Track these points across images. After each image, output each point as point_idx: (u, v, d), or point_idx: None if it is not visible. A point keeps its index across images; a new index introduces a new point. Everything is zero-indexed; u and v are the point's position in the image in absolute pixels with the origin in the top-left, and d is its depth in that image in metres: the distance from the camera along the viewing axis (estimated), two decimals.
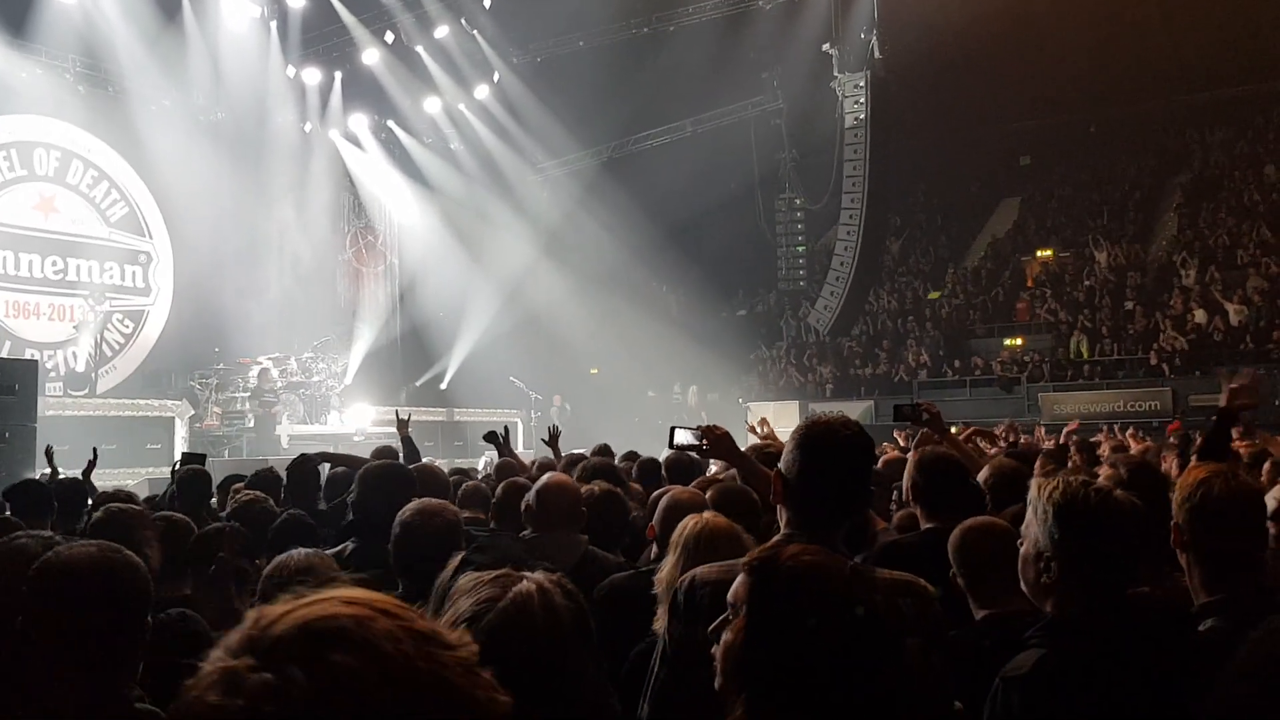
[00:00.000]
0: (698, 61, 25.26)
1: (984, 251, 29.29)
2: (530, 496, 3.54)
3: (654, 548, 3.25)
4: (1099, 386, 21.58)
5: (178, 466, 5.93)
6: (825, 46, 26.35)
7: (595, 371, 26.23)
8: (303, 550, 2.47)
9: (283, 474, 5.69)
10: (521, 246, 25.36)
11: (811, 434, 2.25)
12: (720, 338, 25.92)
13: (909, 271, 29.53)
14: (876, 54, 26.22)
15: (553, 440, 7.15)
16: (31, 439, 10.66)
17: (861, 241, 27.14)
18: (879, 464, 4.99)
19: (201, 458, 6.22)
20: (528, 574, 1.44)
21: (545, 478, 3.64)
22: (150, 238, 19.29)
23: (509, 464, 5.67)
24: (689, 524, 2.67)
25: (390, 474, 3.92)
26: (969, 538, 2.74)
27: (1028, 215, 30.24)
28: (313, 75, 21.34)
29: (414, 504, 3.11)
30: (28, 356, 15.38)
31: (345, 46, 21.43)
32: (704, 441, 3.42)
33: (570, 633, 1.39)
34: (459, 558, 2.45)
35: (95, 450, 7.18)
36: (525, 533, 3.46)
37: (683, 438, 3.58)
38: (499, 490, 4.09)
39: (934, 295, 27.18)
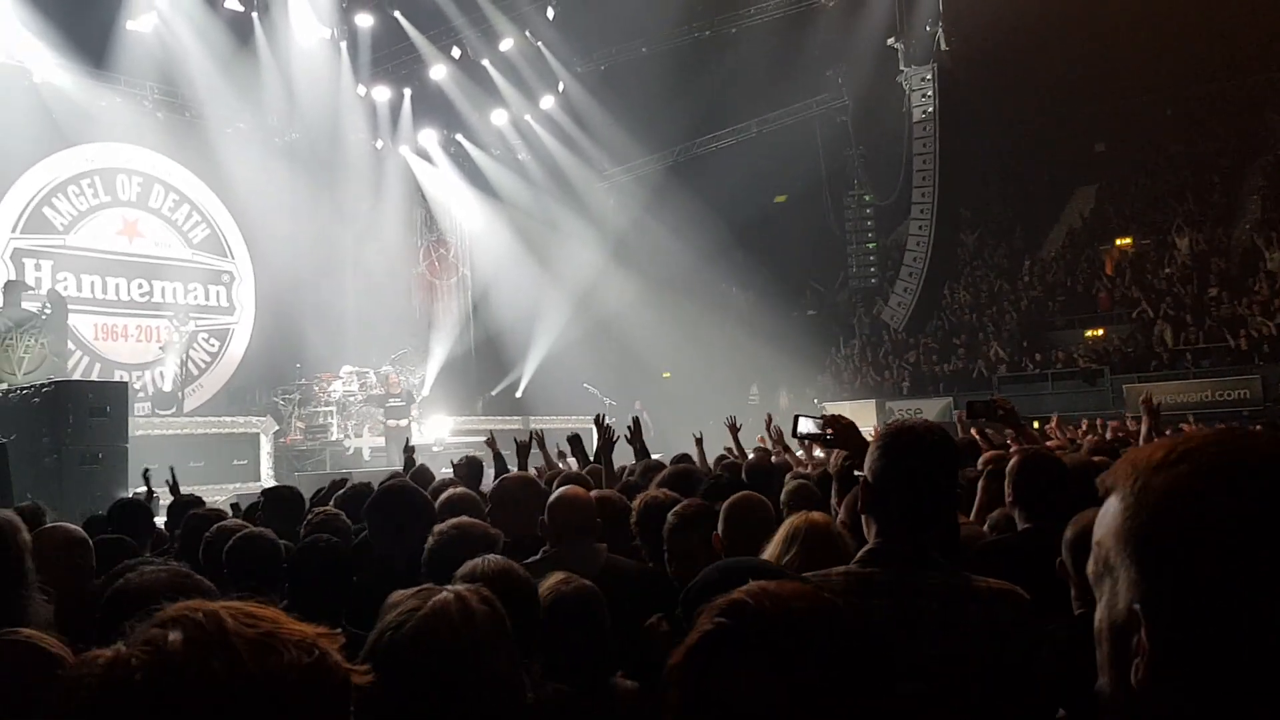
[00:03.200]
0: (761, 62, 25.07)
1: (1062, 241, 28.60)
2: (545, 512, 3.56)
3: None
4: (1185, 376, 20.90)
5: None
6: (890, 41, 26.01)
7: (668, 375, 26.14)
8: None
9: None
10: (590, 254, 25.39)
11: (895, 440, 2.20)
12: (792, 337, 25.66)
13: (984, 265, 28.96)
14: (943, 46, 25.77)
15: (635, 436, 6.88)
16: (124, 459, 10.87)
17: (934, 236, 26.67)
18: (979, 463, 4.84)
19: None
20: (448, 587, 1.65)
21: (557, 491, 3.62)
22: (232, 258, 19.68)
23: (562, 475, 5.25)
24: (788, 525, 2.68)
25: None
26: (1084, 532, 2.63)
27: (1105, 203, 29.46)
28: (382, 93, 21.62)
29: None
30: (117, 378, 15.81)
31: (413, 64, 21.67)
32: (829, 431, 3.35)
33: (485, 634, 1.57)
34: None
35: (171, 470, 7.20)
36: (545, 548, 3.44)
37: (807, 426, 3.55)
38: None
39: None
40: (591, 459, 6.61)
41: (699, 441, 7.94)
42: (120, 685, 0.94)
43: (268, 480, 14.94)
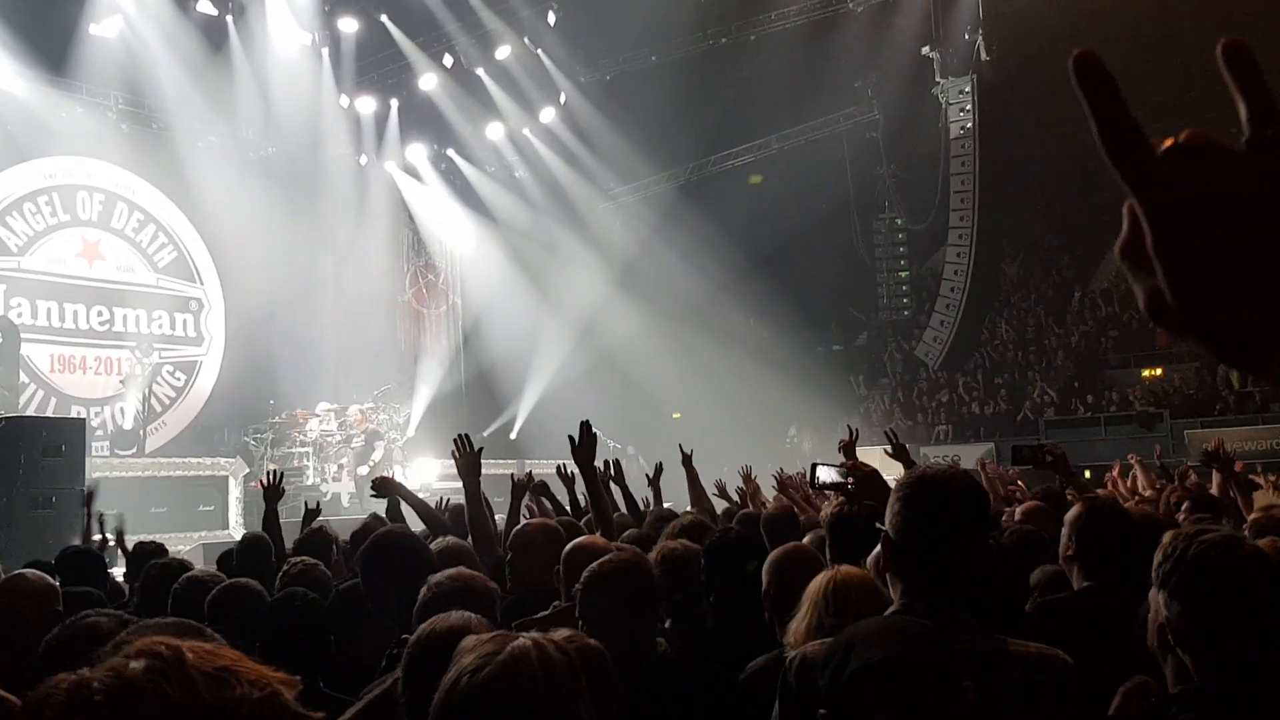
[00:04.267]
0: (783, 72, 25.28)
1: (1115, 271, 28.64)
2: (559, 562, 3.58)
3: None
4: (1253, 421, 20.87)
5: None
6: (925, 50, 26.20)
7: (678, 416, 26.15)
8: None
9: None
10: (594, 281, 25.51)
11: (918, 490, 2.20)
12: (816, 375, 25.68)
13: (1030, 296, 29.02)
14: (983, 55, 25.97)
15: (654, 478, 6.90)
16: (79, 503, 10.94)
17: (974, 264, 26.77)
18: (1018, 514, 4.85)
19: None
20: (524, 634, 1.76)
21: (574, 541, 3.67)
22: (201, 283, 19.85)
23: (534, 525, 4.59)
24: (822, 579, 2.66)
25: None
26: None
27: None
28: (367, 104, 21.86)
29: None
30: (74, 414, 15.91)
31: (401, 72, 21.92)
32: (850, 480, 3.36)
33: (565, 684, 1.66)
34: None
35: (120, 519, 7.23)
36: (557, 602, 3.48)
37: (826, 475, 3.57)
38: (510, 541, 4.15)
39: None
40: (567, 509, 6.62)
41: (688, 460, 7.26)
42: (81, 705, 1.07)
43: (236, 528, 15.00)
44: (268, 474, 6.71)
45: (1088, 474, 11.57)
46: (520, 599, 3.71)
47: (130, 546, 6.28)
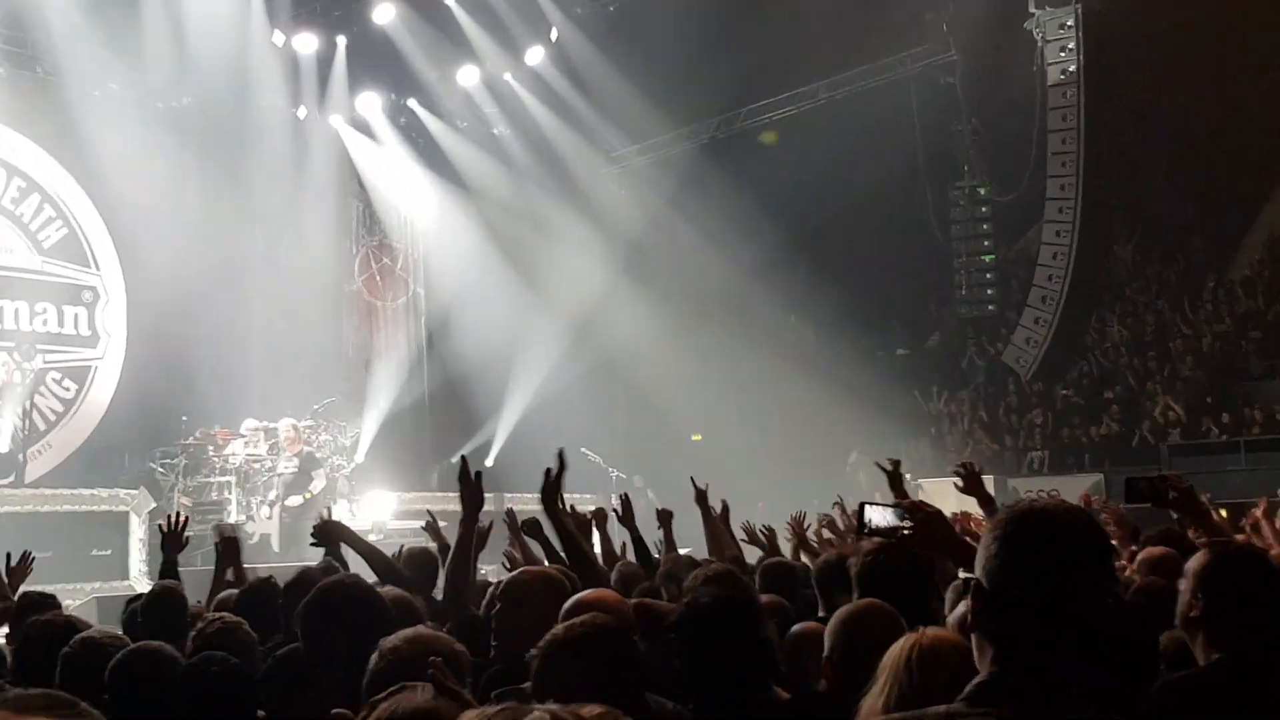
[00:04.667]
0: (834, 2, 25.25)
1: (1259, 255, 28.60)
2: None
3: None
4: None
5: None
6: None
7: (698, 438, 26.15)
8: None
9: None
10: (593, 266, 25.51)
11: (1022, 527, 2.18)
12: (874, 386, 25.62)
13: (1149, 287, 28.96)
14: None
15: (664, 521, 7.03)
16: None
17: (1077, 246, 26.72)
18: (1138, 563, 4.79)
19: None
20: (539, 706, 1.79)
21: (578, 595, 3.75)
22: (97, 269, 19.89)
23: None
24: (904, 643, 2.72)
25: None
26: None
27: None
28: (308, 43, 21.80)
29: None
30: None
31: (350, 2, 21.91)
32: (907, 524, 3.37)
33: None
34: None
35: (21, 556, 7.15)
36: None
37: (878, 517, 3.56)
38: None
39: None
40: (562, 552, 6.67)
41: (702, 497, 7.88)
42: None
43: (139, 579, 15.03)
44: (168, 517, 6.68)
45: (1224, 514, 11.53)
46: (505, 668, 3.70)
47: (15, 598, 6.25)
